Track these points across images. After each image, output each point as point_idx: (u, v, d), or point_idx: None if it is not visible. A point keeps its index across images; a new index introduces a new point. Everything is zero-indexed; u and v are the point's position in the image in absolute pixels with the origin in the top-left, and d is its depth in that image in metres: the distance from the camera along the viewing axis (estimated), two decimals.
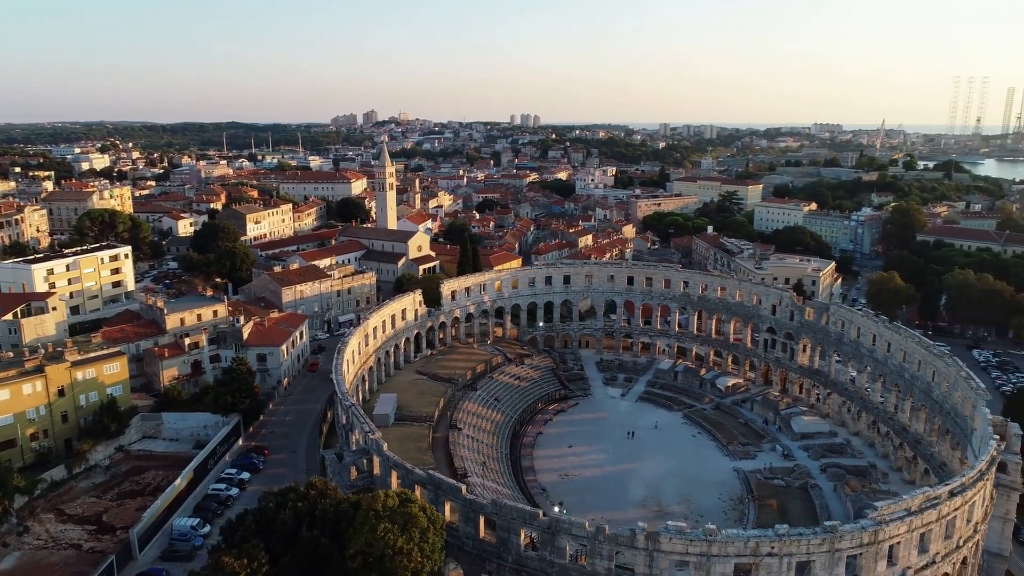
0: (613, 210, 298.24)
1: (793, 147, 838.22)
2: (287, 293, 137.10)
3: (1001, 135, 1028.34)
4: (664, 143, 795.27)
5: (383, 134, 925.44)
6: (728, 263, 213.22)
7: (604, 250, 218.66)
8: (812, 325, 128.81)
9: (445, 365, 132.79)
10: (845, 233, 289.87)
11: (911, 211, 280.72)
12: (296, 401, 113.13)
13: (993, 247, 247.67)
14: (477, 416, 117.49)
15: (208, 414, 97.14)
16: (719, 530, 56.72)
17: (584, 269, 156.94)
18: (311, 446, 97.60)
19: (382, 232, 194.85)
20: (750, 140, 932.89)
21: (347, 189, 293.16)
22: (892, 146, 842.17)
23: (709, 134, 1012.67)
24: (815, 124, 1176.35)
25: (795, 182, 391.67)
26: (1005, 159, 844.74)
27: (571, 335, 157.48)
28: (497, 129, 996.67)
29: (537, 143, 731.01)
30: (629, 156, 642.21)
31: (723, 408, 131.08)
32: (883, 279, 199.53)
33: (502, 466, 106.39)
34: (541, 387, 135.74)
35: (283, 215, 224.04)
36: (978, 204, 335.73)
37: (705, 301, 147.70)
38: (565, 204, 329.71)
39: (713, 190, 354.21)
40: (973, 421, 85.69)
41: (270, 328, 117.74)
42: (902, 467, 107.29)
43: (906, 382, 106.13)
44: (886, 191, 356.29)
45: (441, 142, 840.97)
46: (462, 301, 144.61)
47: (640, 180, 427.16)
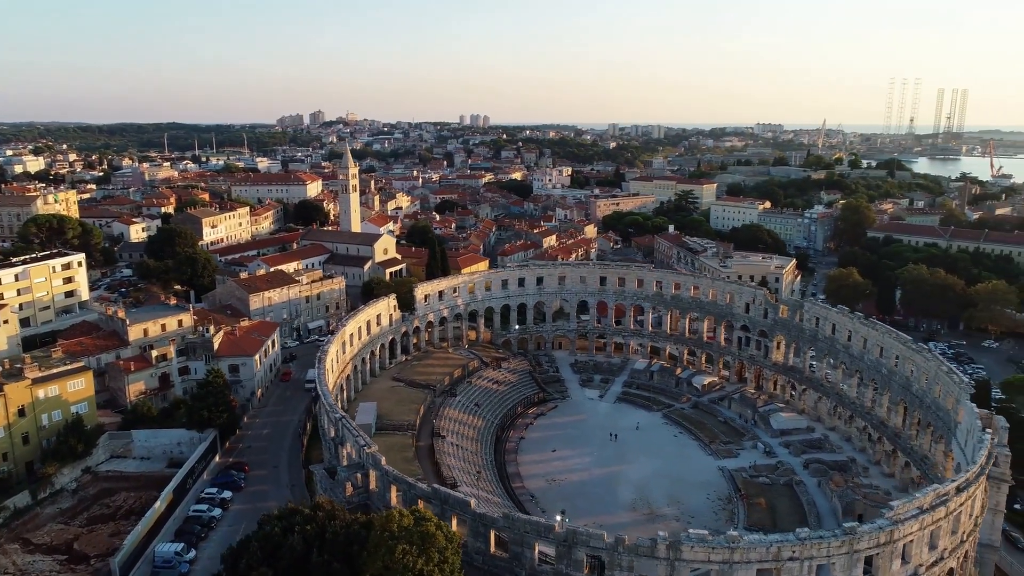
0: (573, 210, 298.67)
1: (738, 146, 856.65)
2: (255, 300, 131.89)
3: (932, 134, 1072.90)
4: (615, 143, 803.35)
5: (331, 134, 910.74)
6: (692, 261, 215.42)
7: (570, 250, 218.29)
8: (786, 322, 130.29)
9: (422, 371, 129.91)
10: (799, 230, 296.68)
11: (861, 208, 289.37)
12: (272, 413, 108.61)
13: (939, 242, 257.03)
14: (459, 423, 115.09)
15: (182, 430, 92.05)
16: (741, 536, 55.89)
17: (556, 270, 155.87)
18: (293, 460, 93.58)
19: (346, 235, 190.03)
20: (697, 140, 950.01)
21: (302, 191, 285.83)
22: (832, 145, 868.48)
23: (657, 134, 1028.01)
24: (758, 124, 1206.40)
25: (747, 181, 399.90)
26: (937, 157, 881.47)
27: (544, 337, 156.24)
28: (448, 129, 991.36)
29: (489, 143, 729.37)
30: (581, 156, 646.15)
31: (701, 407, 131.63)
32: (842, 275, 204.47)
33: (489, 474, 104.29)
34: (519, 391, 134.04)
35: (240, 219, 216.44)
36: (921, 201, 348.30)
37: (678, 300, 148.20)
38: (524, 204, 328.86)
39: (669, 189, 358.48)
40: (957, 415, 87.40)
41: (242, 337, 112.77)
42: (880, 460, 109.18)
43: (883, 377, 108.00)
44: (834, 189, 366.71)
45: (391, 142, 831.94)
46: (435, 305, 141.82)
47: (596, 180, 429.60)
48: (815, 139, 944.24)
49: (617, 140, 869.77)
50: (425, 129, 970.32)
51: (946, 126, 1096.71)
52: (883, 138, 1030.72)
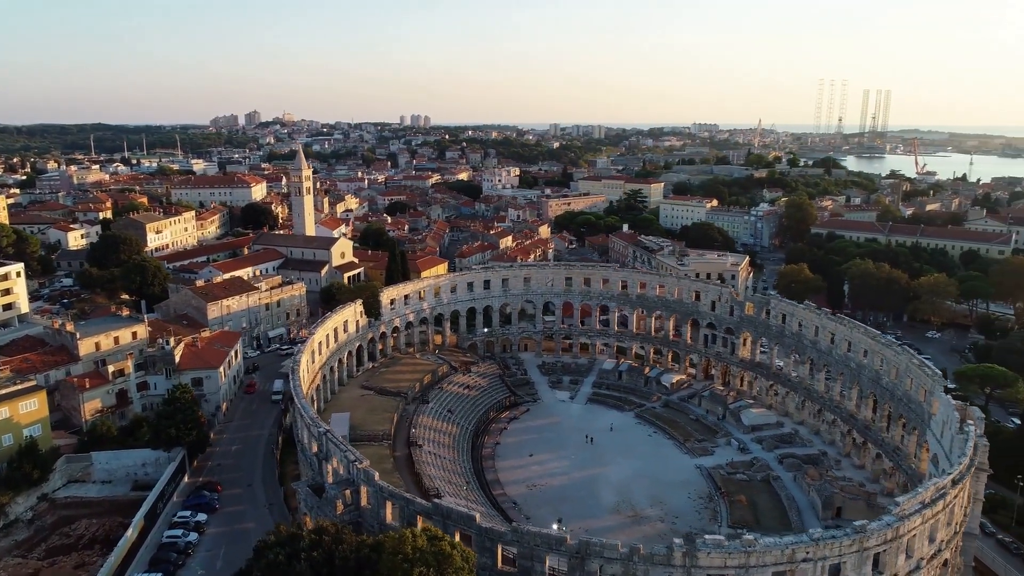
0: (526, 210, 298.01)
1: (677, 146, 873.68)
2: (213, 309, 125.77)
3: (859, 133, 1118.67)
4: (558, 143, 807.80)
5: (268, 135, 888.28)
6: (649, 260, 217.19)
7: (527, 251, 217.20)
8: (752, 319, 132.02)
9: (391, 378, 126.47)
10: (745, 228, 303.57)
11: (804, 206, 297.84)
12: (239, 428, 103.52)
13: (879, 238, 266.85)
14: (434, 430, 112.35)
15: (146, 450, 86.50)
16: (756, 540, 55.40)
17: (522, 272, 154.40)
18: (268, 477, 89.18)
19: (301, 239, 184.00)
20: (637, 140, 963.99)
21: (247, 194, 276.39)
22: (766, 144, 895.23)
23: (598, 134, 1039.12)
24: (694, 124, 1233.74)
25: (692, 180, 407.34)
26: (863, 156, 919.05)
27: (511, 339, 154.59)
28: (388, 130, 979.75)
29: (433, 144, 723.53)
30: (526, 156, 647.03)
31: (672, 405, 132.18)
32: (793, 271, 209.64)
33: (469, 481, 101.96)
34: (491, 395, 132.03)
35: (186, 223, 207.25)
36: (857, 198, 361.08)
37: (644, 299, 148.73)
38: (475, 205, 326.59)
39: (618, 189, 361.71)
40: (931, 407, 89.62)
41: (204, 349, 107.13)
42: (850, 452, 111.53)
43: (852, 371, 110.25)
44: (775, 187, 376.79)
45: (331, 143, 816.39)
46: (401, 309, 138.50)
47: (544, 180, 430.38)
48: (750, 139, 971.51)
49: (560, 140, 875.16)
50: (366, 130, 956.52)
51: (871, 126, 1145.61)
52: (813, 137, 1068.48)
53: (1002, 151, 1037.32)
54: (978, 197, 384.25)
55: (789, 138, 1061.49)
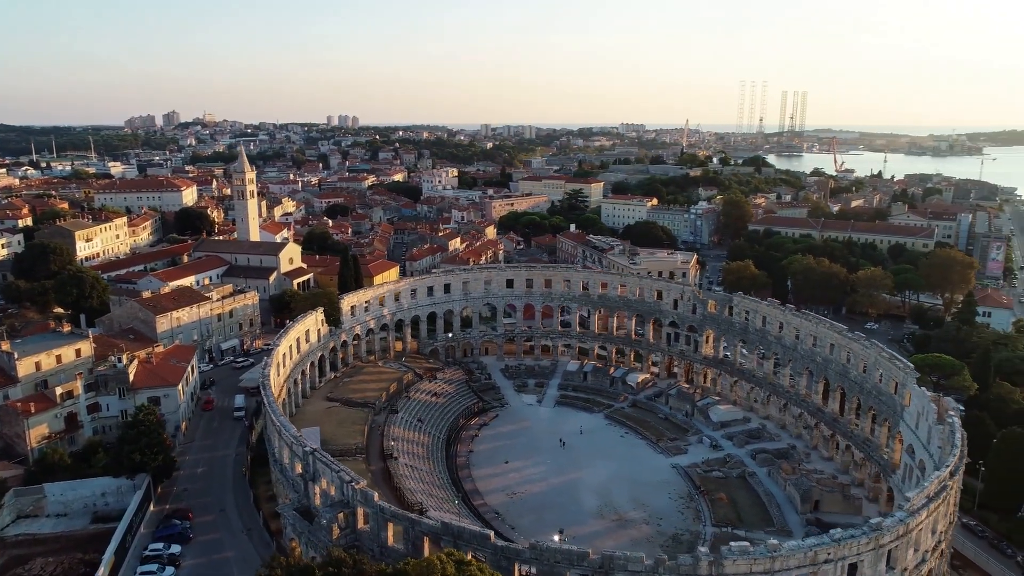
0: (470, 211, 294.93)
1: (607, 145, 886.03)
2: (162, 321, 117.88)
3: (778, 133, 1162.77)
4: (491, 143, 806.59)
5: (189, 136, 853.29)
6: (599, 260, 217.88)
7: (479, 253, 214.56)
8: (716, 317, 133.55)
9: (355, 388, 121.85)
10: (686, 226, 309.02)
11: (741, 203, 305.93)
12: (202, 448, 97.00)
13: (812, 233, 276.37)
14: (407, 441, 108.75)
15: (107, 478, 79.66)
16: (781, 544, 54.91)
17: (483, 274, 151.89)
18: (241, 501, 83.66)
19: (246, 245, 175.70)
20: (567, 140, 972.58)
21: (177, 198, 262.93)
22: (692, 144, 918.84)
23: (529, 134, 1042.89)
24: (622, 124, 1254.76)
25: (629, 179, 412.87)
26: (783, 154, 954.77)
27: (472, 343, 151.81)
28: (316, 130, 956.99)
29: (364, 144, 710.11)
30: (460, 156, 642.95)
31: (640, 405, 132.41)
32: (739, 267, 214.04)
33: (449, 493, 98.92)
34: (459, 402, 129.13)
35: (117, 231, 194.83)
36: (787, 196, 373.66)
37: (605, 299, 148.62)
38: (417, 207, 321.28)
39: (558, 188, 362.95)
40: (903, 398, 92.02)
41: (159, 365, 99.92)
42: (818, 445, 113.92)
43: (818, 365, 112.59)
44: (710, 185, 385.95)
45: (257, 144, 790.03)
46: (361, 316, 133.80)
47: (483, 180, 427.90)
48: (676, 138, 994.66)
49: (492, 140, 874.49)
50: (292, 131, 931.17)
51: (790, 125, 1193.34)
52: (736, 137, 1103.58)
53: (908, 149, 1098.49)
54: (896, 193, 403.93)
55: (713, 137, 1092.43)
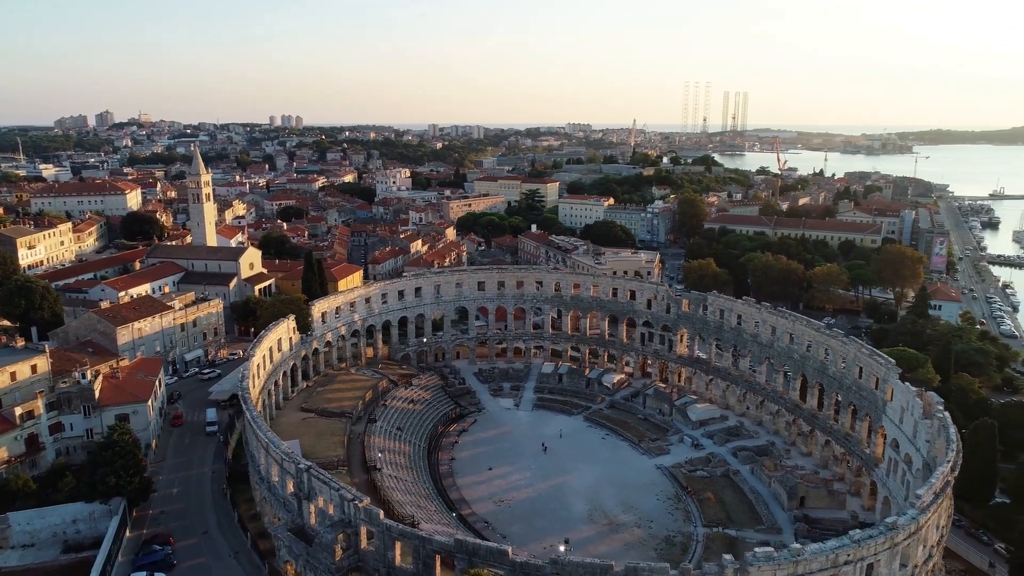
0: (427, 212, 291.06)
1: (555, 145, 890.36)
2: (123, 333, 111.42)
3: (721, 132, 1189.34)
4: (440, 143, 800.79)
5: (124, 137, 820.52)
6: (563, 260, 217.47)
7: (442, 255, 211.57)
8: (690, 316, 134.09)
9: (330, 397, 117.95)
10: (643, 225, 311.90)
11: (696, 202, 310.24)
12: (176, 467, 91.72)
13: (766, 231, 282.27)
14: (388, 451, 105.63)
15: (78, 504, 74.25)
16: (803, 548, 54.49)
17: (454, 277, 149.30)
18: (224, 522, 79.20)
19: (203, 250, 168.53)
20: (516, 140, 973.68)
21: (121, 202, 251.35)
22: (638, 144, 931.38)
23: (477, 134, 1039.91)
24: (569, 124, 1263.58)
25: (584, 179, 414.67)
26: (726, 153, 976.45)
27: (444, 347, 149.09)
28: (259, 131, 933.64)
29: (311, 145, 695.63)
30: (410, 157, 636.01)
31: (618, 406, 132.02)
32: (701, 266, 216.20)
33: (436, 503, 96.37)
34: (436, 408, 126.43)
35: (62, 237, 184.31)
36: (738, 194, 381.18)
37: (578, 300, 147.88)
38: (373, 208, 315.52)
39: (514, 189, 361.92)
40: (885, 393, 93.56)
41: (126, 380, 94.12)
42: (796, 441, 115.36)
43: (795, 362, 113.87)
44: (663, 185, 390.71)
45: (197, 145, 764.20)
46: (332, 323, 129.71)
47: (437, 181, 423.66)
48: (623, 138, 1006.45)
49: (441, 140, 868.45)
50: (234, 131, 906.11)
51: (732, 125, 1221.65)
52: (681, 136, 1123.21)
53: (843, 148, 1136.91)
54: (839, 191, 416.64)
55: (658, 137, 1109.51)
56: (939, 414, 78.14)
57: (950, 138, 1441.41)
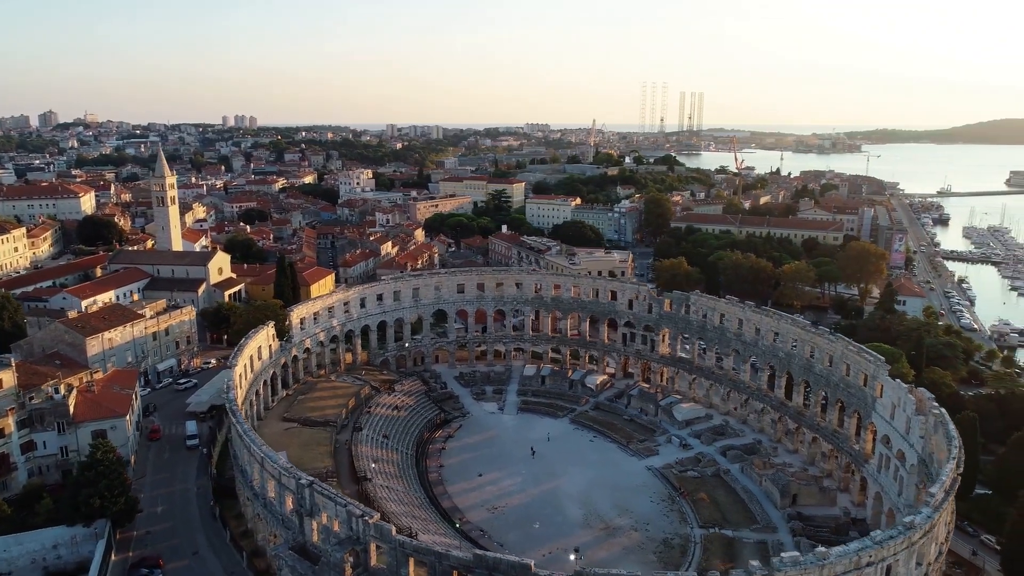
0: (394, 213, 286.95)
1: (515, 145, 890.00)
2: (92, 344, 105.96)
3: (678, 132, 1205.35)
4: (400, 144, 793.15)
5: (70, 138, 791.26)
6: (536, 260, 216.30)
7: (414, 256, 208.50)
8: (672, 316, 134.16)
9: (312, 406, 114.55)
10: (610, 224, 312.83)
11: (662, 201, 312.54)
12: (157, 483, 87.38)
13: (732, 229, 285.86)
14: (376, 460, 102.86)
15: (59, 528, 69.89)
16: (828, 551, 54.12)
17: (433, 280, 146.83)
18: (216, 541, 75.63)
19: (169, 255, 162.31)
20: (475, 140, 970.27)
21: (75, 205, 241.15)
22: (597, 143, 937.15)
23: (436, 134, 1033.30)
24: (527, 124, 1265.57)
25: (549, 179, 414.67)
26: (683, 153, 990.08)
27: (424, 351, 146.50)
28: (212, 131, 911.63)
29: (268, 145, 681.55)
30: (370, 157, 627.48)
31: (602, 407, 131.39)
32: (673, 265, 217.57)
33: (430, 513, 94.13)
34: (420, 414, 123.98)
35: (16, 243, 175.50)
36: (701, 193, 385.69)
37: (559, 301, 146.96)
38: (338, 210, 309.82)
39: (480, 189, 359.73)
40: (874, 390, 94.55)
41: (102, 393, 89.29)
42: (782, 439, 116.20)
43: (781, 361, 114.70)
44: (627, 184, 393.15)
45: (148, 146, 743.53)
46: (311, 329, 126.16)
47: (401, 181, 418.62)
48: (581, 138, 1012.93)
49: (400, 140, 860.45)
50: (186, 131, 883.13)
51: (688, 125, 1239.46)
52: (638, 136, 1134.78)
53: (795, 147, 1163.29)
54: (798, 189, 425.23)
55: (616, 137, 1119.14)
56: (935, 410, 79.12)
57: (895, 137, 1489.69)
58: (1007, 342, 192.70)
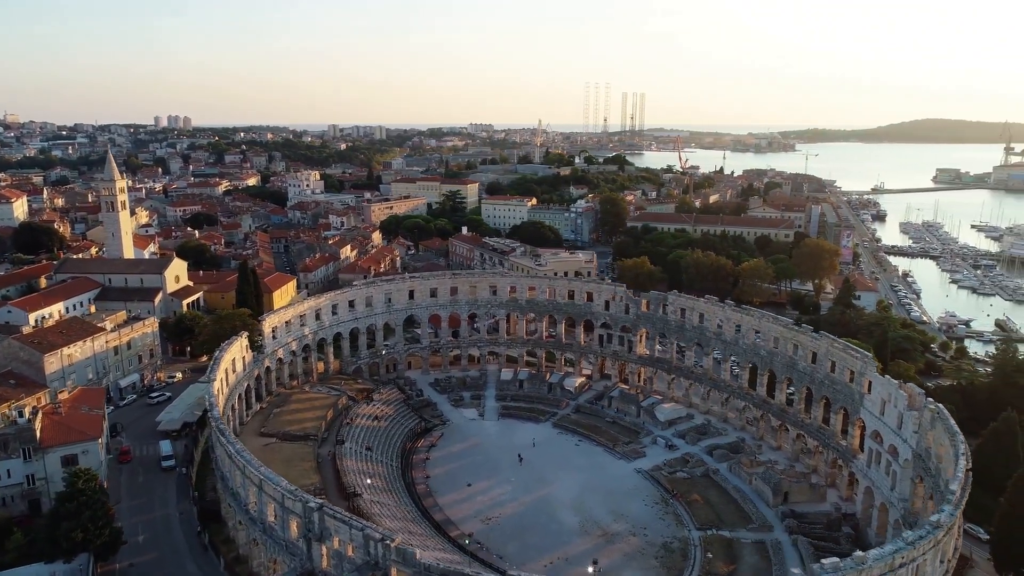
0: (350, 216, 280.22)
1: (460, 146, 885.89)
2: (51, 361, 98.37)
3: (620, 131, 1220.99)
4: (344, 144, 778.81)
5: None
6: (500, 262, 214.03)
7: (377, 260, 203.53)
8: (650, 316, 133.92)
9: (289, 420, 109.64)
10: (567, 224, 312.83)
11: (617, 201, 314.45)
12: (135, 510, 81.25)
13: (687, 228, 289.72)
14: (362, 474, 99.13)
15: (36, 565, 63.77)
16: (866, 556, 53.72)
17: (405, 285, 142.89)
18: (207, 568, 70.60)
19: (121, 263, 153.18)
20: (420, 140, 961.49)
21: (7, 211, 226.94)
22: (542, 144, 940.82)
23: (379, 135, 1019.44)
24: (471, 124, 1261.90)
25: (501, 179, 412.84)
26: (626, 152, 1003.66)
27: (396, 358, 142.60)
28: (144, 132, 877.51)
29: (206, 147, 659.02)
30: (314, 159, 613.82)
31: (583, 410, 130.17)
32: (636, 264, 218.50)
33: (424, 527, 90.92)
34: (401, 423, 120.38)
35: None
36: (652, 192, 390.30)
37: (534, 304, 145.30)
38: (289, 213, 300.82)
39: (433, 190, 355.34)
40: (862, 386, 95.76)
41: (70, 415, 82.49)
42: (764, 436, 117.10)
43: (763, 359, 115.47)
44: (580, 184, 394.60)
45: (76, 148, 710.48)
46: (283, 338, 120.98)
47: (351, 183, 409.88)
48: (525, 138, 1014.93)
49: (343, 141, 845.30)
50: (116, 132, 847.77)
51: (630, 125, 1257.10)
52: (582, 136, 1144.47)
53: (733, 147, 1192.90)
54: (743, 188, 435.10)
55: (560, 137, 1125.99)
56: (931, 405, 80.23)
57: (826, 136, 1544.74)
58: (955, 333, 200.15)
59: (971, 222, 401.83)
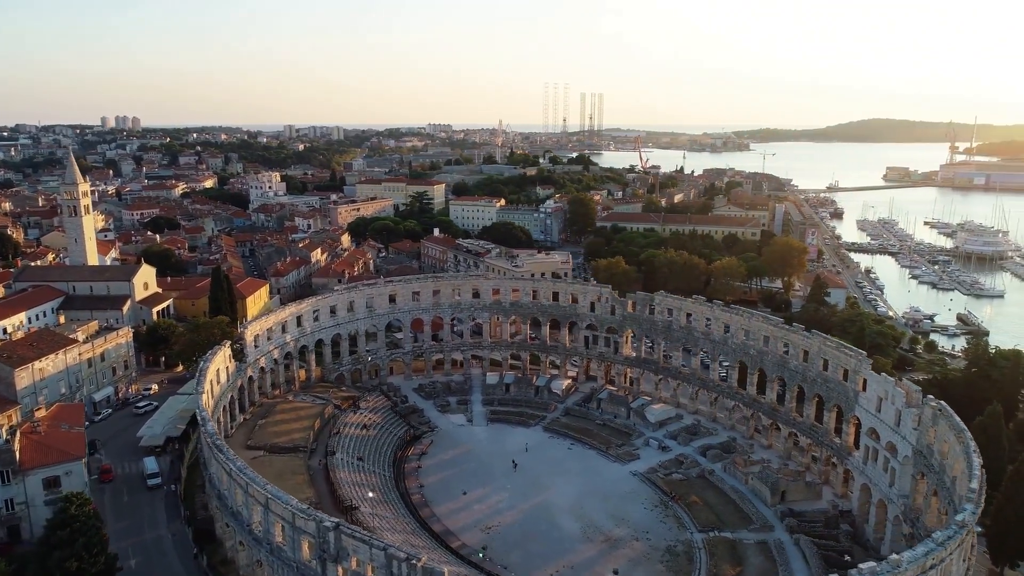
0: (317, 218, 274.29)
1: (419, 146, 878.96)
2: (22, 376, 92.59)
3: (579, 132, 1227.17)
4: (302, 145, 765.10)
5: None
6: (474, 264, 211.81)
7: (350, 263, 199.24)
8: (636, 317, 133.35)
9: (276, 431, 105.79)
10: (536, 224, 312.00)
11: (586, 201, 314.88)
12: (122, 533, 76.52)
13: (655, 227, 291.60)
14: (357, 486, 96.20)
15: None
16: (901, 558, 53.41)
17: (386, 289, 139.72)
18: None
19: (86, 270, 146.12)
20: (378, 140, 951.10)
21: None
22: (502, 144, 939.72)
23: (337, 135, 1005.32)
24: (429, 124, 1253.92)
25: (467, 180, 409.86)
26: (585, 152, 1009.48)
27: (379, 364, 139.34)
28: (92, 133, 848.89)
29: (159, 148, 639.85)
30: (272, 160, 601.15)
31: (573, 412, 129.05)
32: (611, 264, 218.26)
33: (425, 540, 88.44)
34: (390, 432, 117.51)
35: None
36: (618, 192, 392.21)
37: (518, 307, 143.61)
38: (253, 216, 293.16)
39: (400, 191, 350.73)
40: (856, 384, 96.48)
41: (50, 434, 77.30)
42: (754, 435, 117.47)
43: (752, 358, 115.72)
44: (546, 184, 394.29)
45: (19, 150, 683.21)
46: (265, 346, 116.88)
47: (314, 185, 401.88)
48: (485, 138, 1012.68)
49: (301, 142, 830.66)
50: (62, 133, 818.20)
51: (589, 125, 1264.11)
52: (542, 136, 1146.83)
53: (689, 146, 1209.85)
54: (705, 187, 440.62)
55: (519, 137, 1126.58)
56: (932, 403, 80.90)
57: (778, 136, 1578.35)
58: (921, 328, 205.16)
59: (924, 219, 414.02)
